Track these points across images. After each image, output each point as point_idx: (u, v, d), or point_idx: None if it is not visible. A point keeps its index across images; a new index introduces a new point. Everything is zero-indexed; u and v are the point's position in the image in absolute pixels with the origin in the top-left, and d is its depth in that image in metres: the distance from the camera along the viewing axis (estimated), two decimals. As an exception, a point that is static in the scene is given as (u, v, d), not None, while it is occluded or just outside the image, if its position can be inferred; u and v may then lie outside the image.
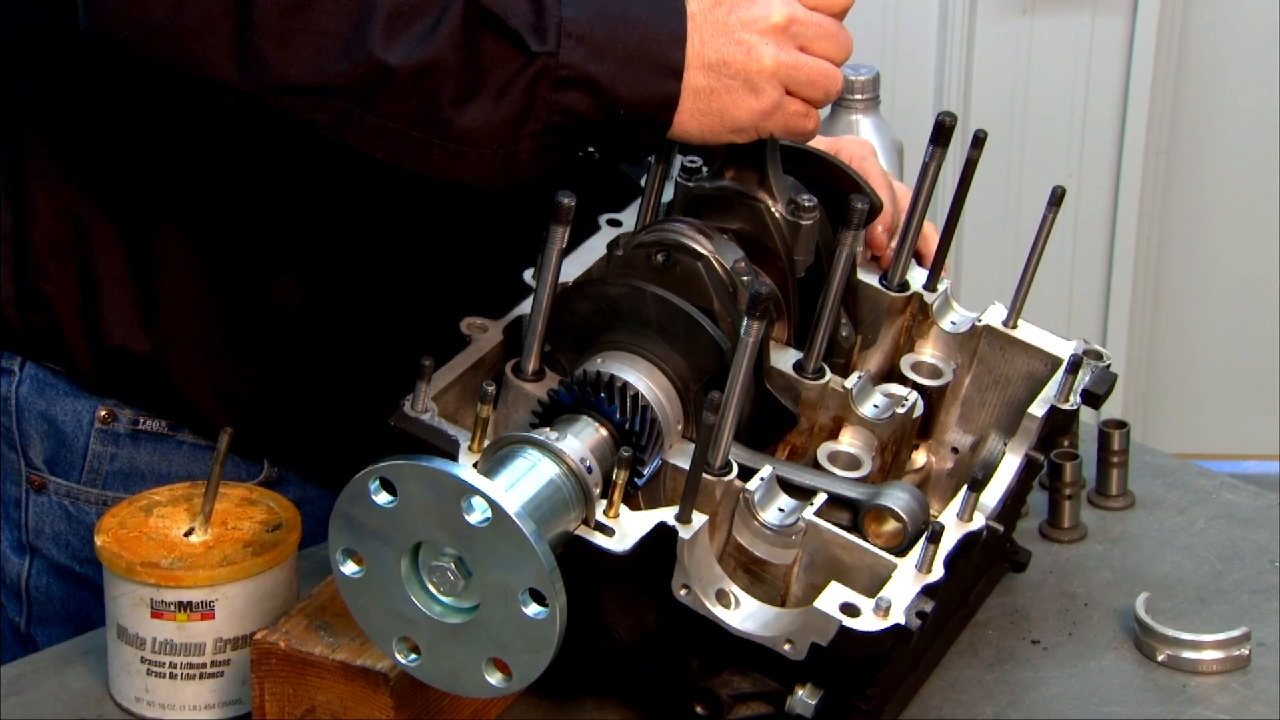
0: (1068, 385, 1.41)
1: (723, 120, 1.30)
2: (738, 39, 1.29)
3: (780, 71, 1.29)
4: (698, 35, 1.29)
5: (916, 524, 1.28)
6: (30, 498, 1.60)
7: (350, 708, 1.29)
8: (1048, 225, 1.44)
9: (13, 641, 1.63)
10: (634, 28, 1.28)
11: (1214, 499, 1.65)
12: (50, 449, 1.58)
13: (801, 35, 1.30)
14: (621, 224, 1.47)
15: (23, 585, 1.61)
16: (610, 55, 1.27)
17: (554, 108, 1.27)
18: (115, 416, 1.57)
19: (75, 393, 1.56)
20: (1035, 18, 3.16)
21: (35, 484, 1.59)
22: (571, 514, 1.24)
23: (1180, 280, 3.36)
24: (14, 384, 1.57)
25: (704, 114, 1.29)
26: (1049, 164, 3.20)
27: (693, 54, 1.28)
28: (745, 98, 1.29)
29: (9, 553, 1.61)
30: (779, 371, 1.38)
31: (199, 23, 1.28)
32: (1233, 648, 1.42)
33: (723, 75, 1.29)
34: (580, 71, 1.27)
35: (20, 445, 1.59)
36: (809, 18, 1.30)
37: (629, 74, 1.27)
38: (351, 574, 1.22)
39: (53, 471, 1.59)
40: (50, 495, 1.59)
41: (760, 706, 1.30)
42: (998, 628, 1.48)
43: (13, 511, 1.61)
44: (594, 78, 1.27)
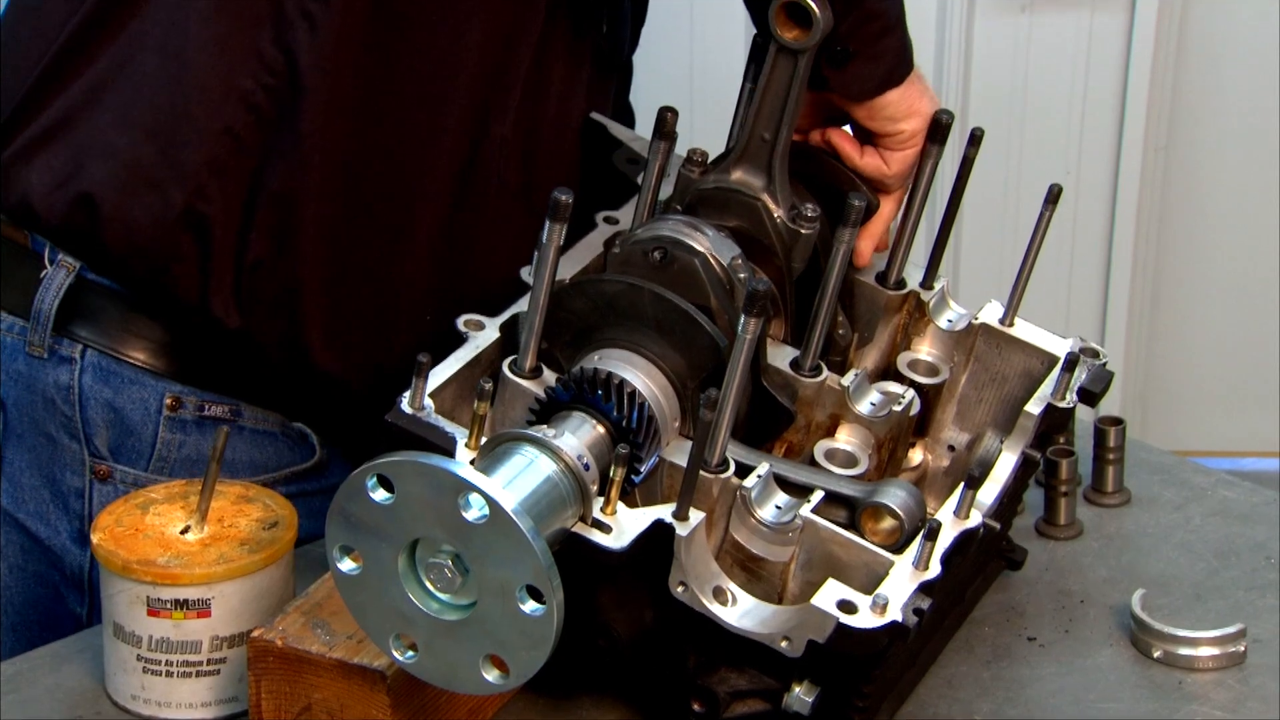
0: (1064, 383, 1.41)
1: None
2: None
3: None
4: None
5: (913, 521, 1.29)
6: (94, 487, 1.59)
7: (347, 705, 1.29)
8: (1045, 223, 1.44)
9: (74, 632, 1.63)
10: None
11: (1210, 496, 1.66)
12: (116, 437, 1.58)
13: None
14: (618, 221, 1.48)
15: (85, 576, 1.60)
16: None
17: None
18: (181, 403, 1.57)
19: (140, 380, 1.56)
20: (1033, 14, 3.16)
21: (101, 473, 1.59)
22: (569, 511, 1.24)
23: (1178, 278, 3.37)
24: (76, 372, 1.56)
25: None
26: (1047, 161, 3.20)
27: None
28: None
29: (69, 544, 1.60)
30: (776, 369, 1.38)
31: None
32: (1228, 644, 1.42)
33: None
34: None
35: (85, 434, 1.58)
36: None
37: None
38: (349, 571, 1.22)
39: (118, 460, 1.58)
40: (116, 484, 1.59)
41: (757, 703, 1.30)
42: (994, 625, 1.48)
43: (73, 502, 1.60)
44: None
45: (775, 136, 1.38)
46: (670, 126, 1.42)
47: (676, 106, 1.42)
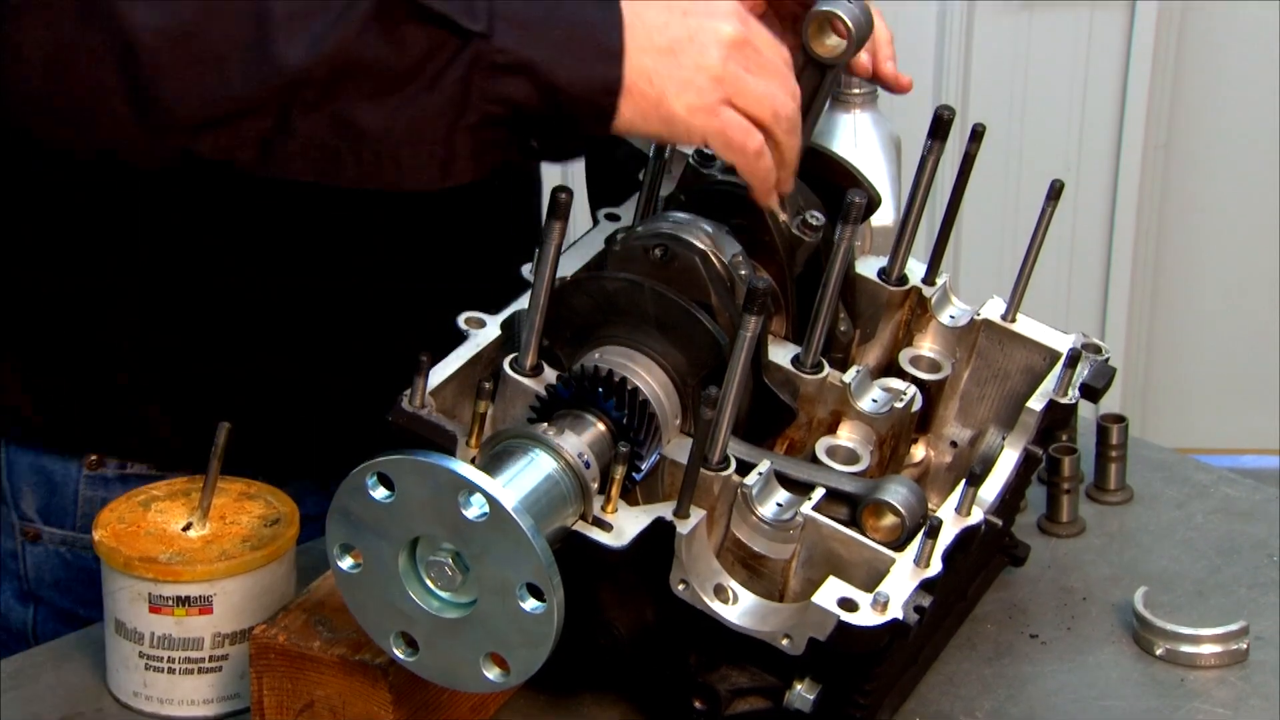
0: (1066, 379, 1.41)
1: (658, 108, 1.23)
2: (690, 34, 1.23)
3: (726, 80, 1.23)
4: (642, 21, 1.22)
5: (914, 518, 1.28)
6: (26, 548, 1.59)
7: (349, 703, 1.29)
8: (1046, 219, 1.44)
9: None
10: (567, 12, 1.21)
11: (1212, 493, 1.65)
12: (41, 499, 1.57)
13: (752, 60, 1.25)
14: (619, 218, 1.47)
15: (30, 634, 1.60)
16: (546, 38, 1.20)
17: (491, 96, 1.20)
18: (103, 461, 1.56)
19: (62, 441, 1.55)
20: (1034, 11, 3.16)
21: (29, 535, 1.58)
22: (569, 509, 1.24)
23: (1179, 274, 3.36)
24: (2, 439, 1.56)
25: (641, 98, 1.22)
26: (1048, 158, 3.20)
27: (638, 37, 1.22)
28: (684, 90, 1.22)
29: (13, 603, 1.60)
30: (777, 366, 1.38)
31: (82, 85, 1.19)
32: (1230, 642, 1.42)
33: (668, 60, 1.22)
34: (517, 56, 1.19)
35: (11, 498, 1.58)
36: (761, 48, 1.25)
37: (567, 57, 1.20)
38: (349, 569, 1.22)
39: (46, 521, 1.58)
40: (45, 545, 1.59)
41: (758, 701, 1.30)
42: (996, 622, 1.48)
43: (10, 563, 1.59)
44: (532, 62, 1.19)
45: None
46: (671, 123, 1.41)
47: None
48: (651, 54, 1.21)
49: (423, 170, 1.23)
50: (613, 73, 1.21)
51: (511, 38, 1.19)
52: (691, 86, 1.22)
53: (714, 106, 1.23)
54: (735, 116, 1.24)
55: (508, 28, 1.19)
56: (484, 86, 1.20)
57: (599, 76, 1.21)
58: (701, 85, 1.23)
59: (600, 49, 1.21)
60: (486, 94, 1.20)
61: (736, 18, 1.24)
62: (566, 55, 1.20)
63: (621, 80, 1.21)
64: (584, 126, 1.23)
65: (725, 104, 1.24)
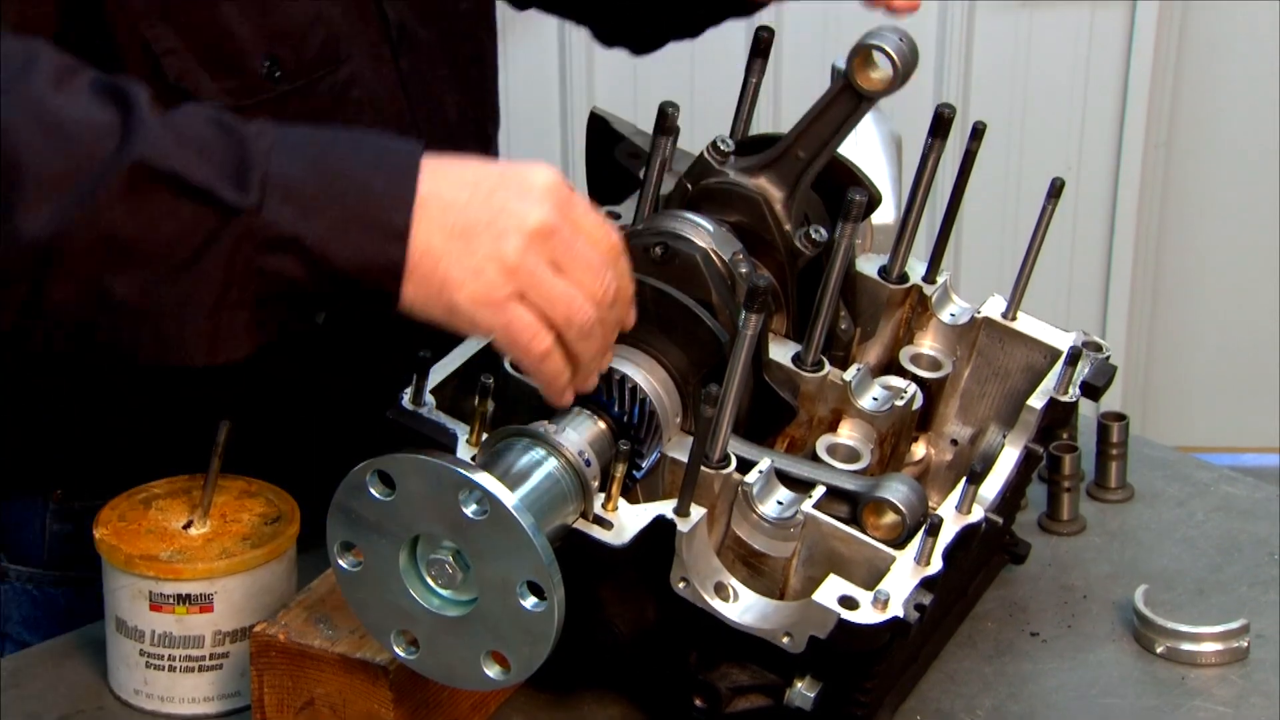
0: (1067, 377, 1.41)
1: (441, 294, 1.13)
2: (491, 218, 1.13)
3: (521, 273, 1.13)
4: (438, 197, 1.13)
5: (915, 516, 1.28)
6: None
7: (349, 700, 1.29)
8: (1047, 217, 1.44)
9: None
10: (352, 184, 1.12)
11: (1213, 491, 1.65)
12: (8, 536, 1.56)
13: (558, 252, 1.15)
14: (620, 216, 1.47)
15: None
16: (324, 212, 1.11)
17: (260, 272, 1.11)
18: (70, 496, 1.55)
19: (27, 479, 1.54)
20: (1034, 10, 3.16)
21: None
22: (570, 507, 1.24)
23: (1179, 273, 3.36)
24: None
25: (424, 281, 1.13)
26: (1048, 156, 3.20)
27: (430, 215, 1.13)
28: (472, 279, 1.13)
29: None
30: (778, 364, 1.38)
31: None
32: (1231, 640, 1.42)
33: (459, 245, 1.13)
34: (288, 230, 1.10)
35: None
36: (572, 240, 1.15)
37: (346, 234, 1.11)
38: (350, 567, 1.22)
39: (12, 559, 1.58)
40: (13, 582, 1.58)
41: (759, 699, 1.30)
42: (996, 620, 1.48)
43: None
44: (303, 239, 1.10)
45: (811, 160, 1.37)
46: (671, 121, 1.41)
47: (677, 101, 1.42)
48: (442, 235, 1.12)
49: (187, 347, 1.14)
50: (395, 254, 1.11)
51: (285, 212, 1.10)
52: (480, 276, 1.13)
53: (502, 301, 1.13)
54: (524, 314, 1.14)
55: (280, 201, 1.10)
56: (252, 262, 1.11)
57: (379, 256, 1.12)
58: (491, 277, 1.13)
59: (383, 227, 1.11)
60: (255, 270, 1.11)
61: (550, 201, 1.15)
62: (345, 232, 1.11)
63: (405, 263, 1.12)
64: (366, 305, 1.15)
65: (516, 299, 1.14)
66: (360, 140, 1.17)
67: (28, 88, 1.12)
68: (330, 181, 1.12)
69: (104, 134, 1.11)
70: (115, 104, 1.13)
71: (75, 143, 1.10)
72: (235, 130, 1.14)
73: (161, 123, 1.12)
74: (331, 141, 1.16)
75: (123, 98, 1.14)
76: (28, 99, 1.11)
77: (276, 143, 1.13)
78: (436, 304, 1.14)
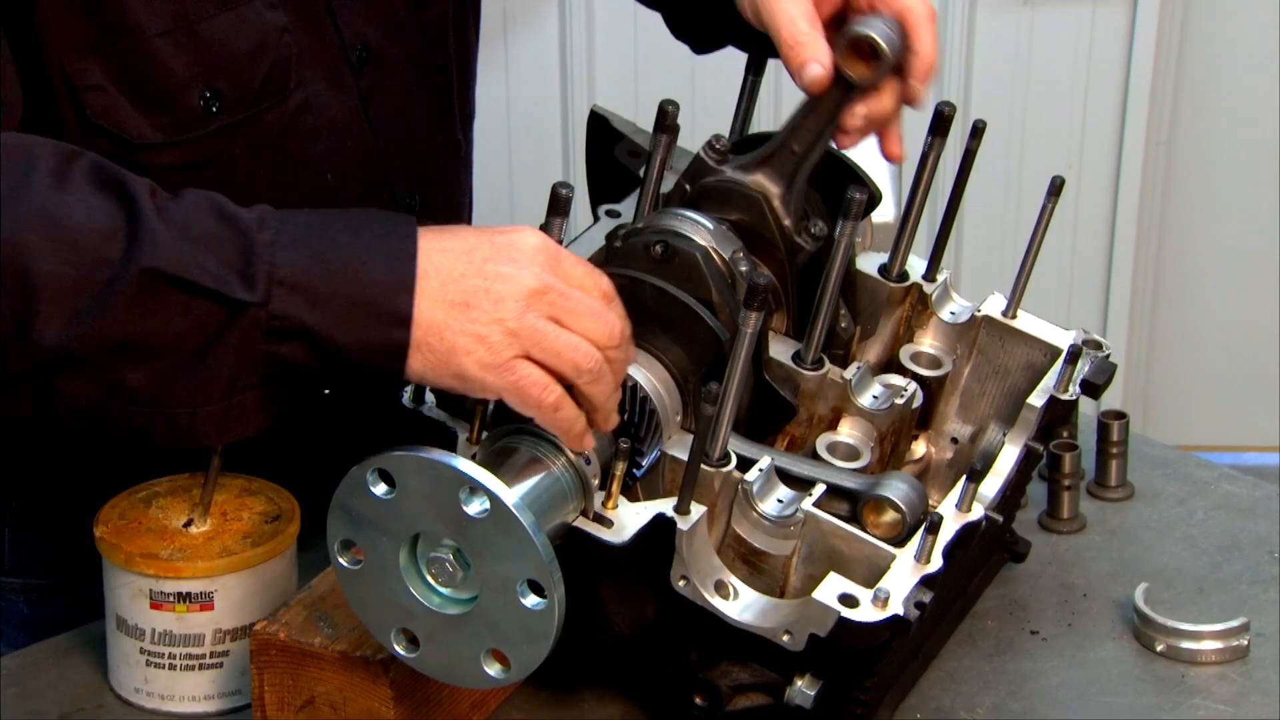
0: (1067, 375, 1.41)
1: (448, 363, 1.17)
2: (487, 286, 1.17)
3: (523, 333, 1.17)
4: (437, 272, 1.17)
5: (915, 514, 1.28)
6: None
7: (350, 699, 1.29)
8: (1047, 215, 1.44)
9: None
10: (354, 272, 1.16)
11: (1213, 490, 1.65)
12: None
13: (557, 306, 1.19)
14: (620, 215, 1.47)
15: None
16: (328, 303, 1.15)
17: (269, 359, 1.15)
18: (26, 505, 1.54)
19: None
20: (1035, 8, 3.16)
21: None
22: (570, 505, 1.24)
23: (1180, 271, 3.36)
24: None
25: (430, 352, 1.17)
26: (1049, 155, 3.20)
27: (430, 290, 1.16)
28: (477, 346, 1.17)
29: None
30: (778, 362, 1.38)
31: None
32: (1231, 638, 1.42)
33: (461, 314, 1.17)
34: (296, 322, 1.14)
35: None
36: (567, 293, 1.19)
37: (349, 321, 1.15)
38: (350, 566, 1.22)
39: None
40: None
41: (759, 697, 1.30)
42: (997, 618, 1.48)
43: None
44: (310, 328, 1.15)
45: (806, 153, 1.38)
46: (671, 120, 1.41)
47: (678, 99, 1.42)
48: (444, 308, 1.16)
49: (200, 431, 1.18)
50: (400, 337, 1.16)
51: (291, 303, 1.14)
52: (484, 342, 1.17)
53: (508, 363, 1.17)
54: (532, 371, 1.18)
55: (287, 294, 1.14)
56: (261, 351, 1.15)
57: (384, 340, 1.16)
58: (495, 341, 1.17)
59: (387, 313, 1.16)
60: (263, 358, 1.16)
61: (541, 262, 1.19)
62: (350, 320, 1.15)
63: (409, 343, 1.16)
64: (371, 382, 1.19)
65: (522, 359, 1.18)
66: (357, 224, 1.19)
67: (30, 195, 1.14)
68: (333, 272, 1.16)
69: (110, 237, 1.14)
70: (117, 200, 1.16)
71: (84, 250, 1.13)
72: (237, 221, 1.17)
73: (165, 222, 1.15)
74: (330, 227, 1.18)
75: (124, 192, 1.16)
76: (31, 207, 1.14)
77: (278, 234, 1.16)
78: (445, 372, 1.18)
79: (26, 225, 1.13)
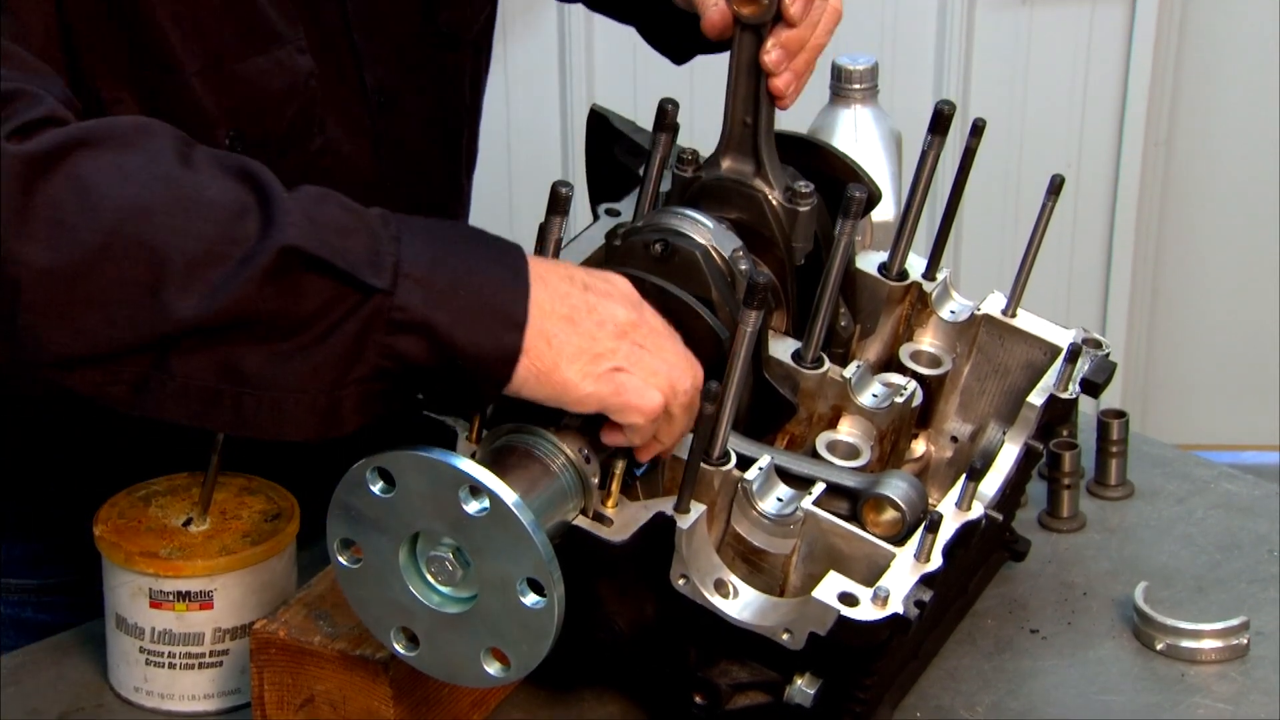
0: (1067, 374, 1.41)
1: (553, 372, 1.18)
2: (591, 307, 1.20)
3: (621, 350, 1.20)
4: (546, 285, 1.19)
5: (915, 513, 1.28)
6: None
7: (349, 697, 1.29)
8: (1046, 214, 1.44)
9: None
10: (474, 275, 1.17)
11: (1212, 489, 1.65)
12: None
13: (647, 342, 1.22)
14: (620, 214, 1.47)
15: None
16: (452, 300, 1.16)
17: (386, 352, 1.15)
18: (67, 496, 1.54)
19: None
20: (1034, 7, 3.16)
21: None
22: (570, 504, 1.24)
23: (1179, 270, 3.36)
24: None
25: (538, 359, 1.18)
26: (1048, 154, 3.20)
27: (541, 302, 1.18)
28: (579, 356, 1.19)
29: None
30: (777, 361, 1.38)
31: None
32: (1231, 637, 1.42)
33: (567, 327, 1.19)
34: (418, 315, 1.15)
35: None
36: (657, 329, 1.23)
37: (471, 322, 1.16)
38: (349, 564, 1.22)
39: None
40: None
41: (759, 696, 1.30)
42: (997, 617, 1.48)
43: None
44: (432, 323, 1.15)
45: (756, 119, 1.38)
46: (671, 118, 1.41)
47: (676, 98, 1.42)
48: (553, 319, 1.18)
49: (304, 421, 1.17)
50: (514, 342, 1.17)
51: (416, 296, 1.15)
52: (586, 353, 1.19)
53: (609, 372, 1.20)
54: (632, 378, 1.21)
55: (413, 286, 1.15)
56: (379, 342, 1.15)
57: (500, 344, 1.17)
58: (601, 348, 1.20)
59: (506, 318, 1.17)
60: (381, 349, 1.15)
61: (634, 300, 1.23)
62: (470, 320, 1.16)
63: (521, 349, 1.17)
64: (475, 387, 1.19)
65: (622, 370, 1.20)
66: (470, 235, 1.21)
67: (159, 170, 1.13)
68: (455, 272, 1.16)
69: (243, 213, 1.13)
70: (243, 181, 1.15)
71: (218, 224, 1.13)
72: (362, 215, 1.17)
73: (298, 205, 1.15)
74: (447, 234, 1.19)
75: (248, 174, 1.16)
76: (162, 181, 1.13)
77: (402, 231, 1.17)
78: (547, 381, 1.19)
79: (157, 199, 1.12)
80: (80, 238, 1.09)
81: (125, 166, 1.12)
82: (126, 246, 1.10)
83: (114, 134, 1.13)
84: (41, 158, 1.10)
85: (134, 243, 1.10)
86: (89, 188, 1.10)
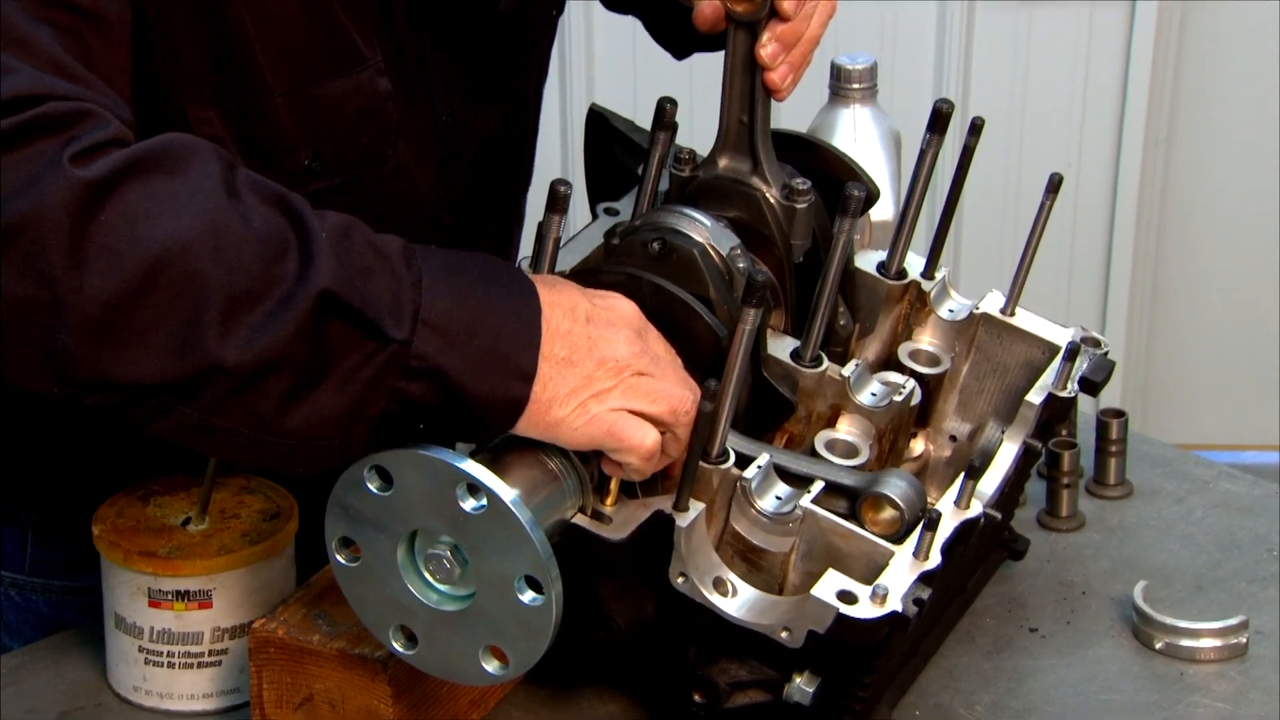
0: (1065, 372, 1.41)
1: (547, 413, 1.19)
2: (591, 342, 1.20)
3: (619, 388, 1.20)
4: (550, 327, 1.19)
5: (914, 511, 1.28)
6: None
7: (348, 696, 1.29)
8: (1046, 212, 1.44)
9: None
10: (489, 322, 1.17)
11: (1212, 488, 1.65)
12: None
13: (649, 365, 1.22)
14: (618, 212, 1.47)
15: None
16: (465, 349, 1.16)
17: (396, 395, 1.15)
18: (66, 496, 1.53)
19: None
20: (1034, 6, 3.15)
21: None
22: (568, 502, 1.24)
23: (1179, 270, 3.36)
24: None
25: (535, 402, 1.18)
26: (1047, 153, 3.20)
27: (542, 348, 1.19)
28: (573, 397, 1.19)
29: None
30: (776, 359, 1.38)
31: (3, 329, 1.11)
32: (1230, 636, 1.42)
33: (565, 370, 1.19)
34: (430, 363, 1.15)
35: None
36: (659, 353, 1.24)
37: (481, 370, 1.16)
38: (348, 563, 1.22)
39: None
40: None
41: (758, 694, 1.30)
42: (996, 616, 1.48)
43: None
44: (443, 370, 1.15)
45: (752, 116, 1.38)
46: (669, 117, 1.41)
47: (675, 97, 1.42)
48: (553, 363, 1.19)
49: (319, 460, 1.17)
50: (520, 392, 1.18)
51: (431, 345, 1.15)
52: (581, 393, 1.20)
53: (602, 414, 1.20)
54: (626, 417, 1.21)
55: (429, 334, 1.15)
56: (392, 385, 1.15)
57: (505, 393, 1.18)
58: (594, 392, 1.20)
59: (515, 370, 1.17)
60: (392, 393, 1.15)
61: (637, 327, 1.23)
62: (481, 368, 1.16)
63: (528, 399, 1.18)
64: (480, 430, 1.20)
65: (618, 411, 1.21)
66: (488, 272, 1.20)
67: (204, 197, 1.13)
68: (471, 319, 1.16)
69: (284, 251, 1.13)
70: (284, 215, 1.15)
71: (261, 260, 1.12)
72: (387, 256, 1.17)
73: (330, 242, 1.15)
74: (465, 271, 1.19)
75: (288, 207, 1.15)
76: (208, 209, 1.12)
77: (424, 273, 1.16)
78: (541, 421, 1.19)
79: (204, 231, 1.11)
80: (127, 267, 1.09)
81: (175, 194, 1.11)
82: (172, 278, 1.10)
83: (165, 159, 1.13)
84: (100, 184, 1.09)
85: (180, 274, 1.10)
86: (137, 217, 1.10)
